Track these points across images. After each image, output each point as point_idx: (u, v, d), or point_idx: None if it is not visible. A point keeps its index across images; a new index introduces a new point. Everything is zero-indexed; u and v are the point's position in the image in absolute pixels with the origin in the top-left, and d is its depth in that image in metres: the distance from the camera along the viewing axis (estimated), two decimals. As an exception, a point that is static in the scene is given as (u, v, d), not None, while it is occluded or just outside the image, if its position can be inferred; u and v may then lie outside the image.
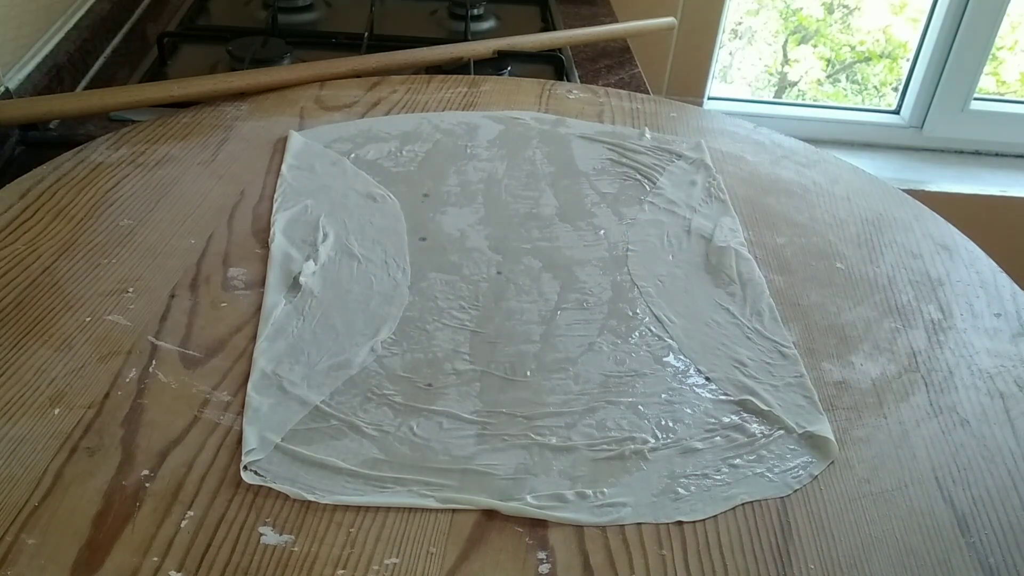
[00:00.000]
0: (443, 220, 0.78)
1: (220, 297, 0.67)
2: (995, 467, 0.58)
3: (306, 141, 0.87)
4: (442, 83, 1.01)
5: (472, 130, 0.92)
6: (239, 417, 0.57)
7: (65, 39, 1.05)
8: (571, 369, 0.64)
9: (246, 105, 0.93)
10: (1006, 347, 0.69)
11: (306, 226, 0.75)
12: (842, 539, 0.53)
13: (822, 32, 2.00)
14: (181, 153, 0.84)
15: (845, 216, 0.84)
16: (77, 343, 0.62)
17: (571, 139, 0.92)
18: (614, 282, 0.72)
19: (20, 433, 0.55)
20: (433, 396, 0.60)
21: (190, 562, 0.48)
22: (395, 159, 0.86)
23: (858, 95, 2.03)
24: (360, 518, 0.52)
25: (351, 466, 0.54)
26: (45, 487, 0.51)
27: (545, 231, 0.78)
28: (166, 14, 1.25)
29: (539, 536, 0.52)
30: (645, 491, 0.55)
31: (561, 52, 1.17)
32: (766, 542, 0.53)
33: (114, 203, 0.76)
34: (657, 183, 0.85)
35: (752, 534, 0.53)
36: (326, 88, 0.98)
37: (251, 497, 0.52)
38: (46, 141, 0.92)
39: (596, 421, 0.59)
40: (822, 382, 0.64)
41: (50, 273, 0.68)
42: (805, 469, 0.57)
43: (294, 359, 0.62)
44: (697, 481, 0.56)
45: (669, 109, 1.00)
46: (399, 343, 0.64)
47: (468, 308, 0.68)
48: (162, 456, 0.54)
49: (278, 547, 0.50)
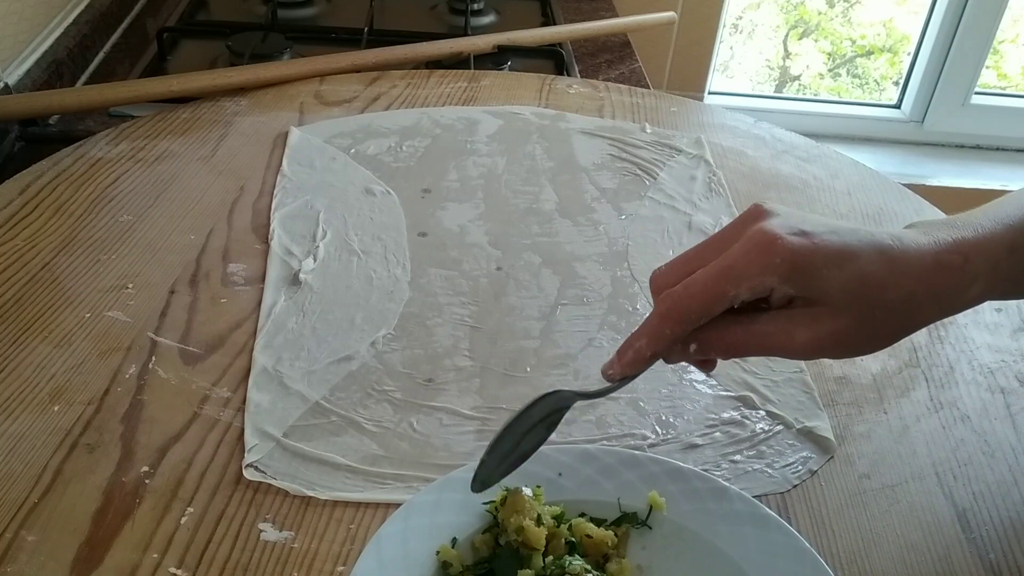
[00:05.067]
0: (443, 215, 0.78)
1: (220, 293, 0.67)
2: (995, 463, 0.58)
3: (306, 136, 0.87)
4: (442, 78, 1.01)
5: (472, 125, 0.92)
6: (239, 413, 0.57)
7: (64, 34, 1.05)
8: (571, 365, 0.64)
9: (245, 100, 0.93)
10: (1007, 342, 0.69)
11: (306, 222, 0.75)
12: (842, 534, 0.53)
13: (823, 26, 2.00)
14: (181, 148, 0.84)
15: (846, 211, 0.83)
16: (77, 339, 0.62)
17: (571, 134, 0.92)
18: (614, 277, 0.72)
19: (20, 430, 0.55)
20: (433, 392, 0.60)
21: (190, 559, 0.48)
22: (395, 154, 0.86)
23: (859, 89, 2.03)
24: (360, 514, 0.52)
25: (351, 462, 0.54)
26: (45, 484, 0.51)
27: (545, 226, 0.78)
28: (165, 9, 1.25)
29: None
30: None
31: (561, 47, 1.17)
32: (766, 538, 0.52)
33: (114, 199, 0.76)
34: (657, 178, 0.85)
35: (752, 530, 0.53)
36: (326, 83, 0.98)
37: (251, 493, 0.52)
38: (46, 137, 0.91)
39: (596, 417, 0.59)
40: (822, 377, 0.64)
41: (50, 269, 0.68)
42: (805, 465, 0.57)
43: (294, 355, 0.62)
44: (697, 477, 0.56)
45: (669, 104, 1.00)
46: (399, 339, 0.64)
47: (468, 304, 0.68)
48: (162, 452, 0.54)
49: (278, 543, 0.50)
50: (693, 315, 0.43)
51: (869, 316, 0.43)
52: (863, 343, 0.44)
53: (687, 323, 0.44)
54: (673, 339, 0.44)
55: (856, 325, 0.43)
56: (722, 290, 0.43)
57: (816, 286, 0.42)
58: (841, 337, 0.43)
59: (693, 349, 0.45)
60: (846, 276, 0.42)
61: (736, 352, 0.45)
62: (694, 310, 0.43)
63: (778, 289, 0.42)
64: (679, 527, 0.50)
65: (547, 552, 0.47)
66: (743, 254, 0.43)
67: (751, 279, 0.42)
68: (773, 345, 0.44)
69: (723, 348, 0.45)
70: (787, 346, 0.44)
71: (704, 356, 0.45)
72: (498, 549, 0.47)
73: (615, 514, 0.50)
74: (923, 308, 0.44)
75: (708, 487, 0.51)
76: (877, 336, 0.44)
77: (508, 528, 0.46)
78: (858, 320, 0.43)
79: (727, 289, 0.43)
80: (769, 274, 0.42)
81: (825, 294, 0.42)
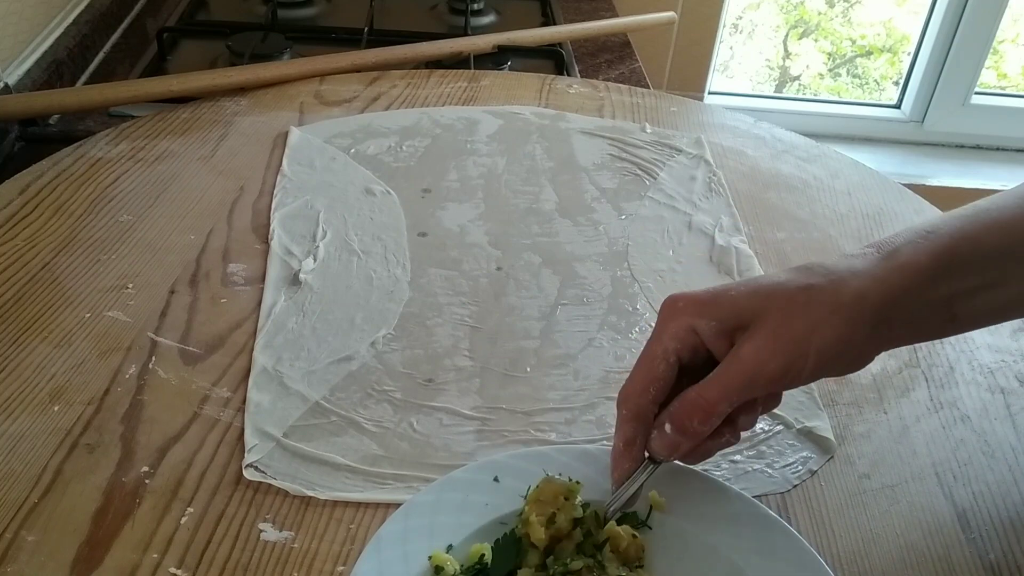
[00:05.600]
0: (443, 215, 0.78)
1: (220, 293, 0.67)
2: (995, 463, 0.58)
3: (306, 136, 0.87)
4: (442, 78, 1.01)
5: (472, 125, 0.92)
6: (239, 413, 0.57)
7: (64, 34, 1.05)
8: (571, 365, 0.64)
9: (245, 100, 0.93)
10: (1006, 342, 0.69)
11: (306, 222, 0.75)
12: (842, 534, 0.53)
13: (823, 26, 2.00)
14: (180, 148, 0.84)
15: (846, 211, 0.83)
16: (77, 339, 0.62)
17: (571, 134, 0.92)
18: (614, 277, 0.72)
19: (20, 430, 0.55)
20: (433, 392, 0.60)
21: (190, 559, 0.48)
22: (395, 154, 0.86)
23: (859, 89, 2.03)
24: (360, 514, 0.52)
25: (351, 462, 0.54)
26: (45, 484, 0.51)
27: (545, 226, 0.78)
28: (165, 9, 1.25)
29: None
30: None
31: (561, 47, 1.17)
32: (766, 538, 0.52)
33: (114, 199, 0.76)
34: (657, 178, 0.85)
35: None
36: (326, 83, 0.98)
37: (251, 494, 0.52)
38: (46, 136, 0.91)
39: (596, 417, 0.59)
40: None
41: (50, 269, 0.68)
42: (805, 465, 0.57)
43: (294, 355, 0.62)
44: (697, 477, 0.56)
45: (669, 104, 1.00)
46: (399, 339, 0.64)
47: (468, 304, 0.68)
48: (162, 453, 0.54)
49: (278, 543, 0.50)
50: (637, 387, 0.47)
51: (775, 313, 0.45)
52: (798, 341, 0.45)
53: (638, 398, 0.47)
54: (636, 420, 0.47)
55: (778, 319, 0.45)
56: (651, 352, 0.47)
57: (727, 307, 0.46)
58: (779, 332, 0.45)
59: (668, 429, 0.46)
60: (745, 289, 0.47)
61: (707, 406, 0.45)
62: (637, 383, 0.47)
63: (701, 329, 0.46)
64: (679, 527, 0.50)
65: (555, 550, 0.47)
66: (656, 325, 0.48)
67: (669, 330, 0.47)
68: (731, 375, 0.45)
69: (693, 410, 0.46)
70: (741, 368, 0.45)
71: (683, 434, 0.46)
72: (504, 537, 0.47)
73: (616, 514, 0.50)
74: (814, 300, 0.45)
75: (708, 487, 0.51)
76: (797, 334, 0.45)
77: (521, 516, 0.47)
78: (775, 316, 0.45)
79: (654, 349, 0.47)
80: (680, 317, 0.46)
81: (738, 310, 0.46)
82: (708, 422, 0.46)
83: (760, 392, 0.46)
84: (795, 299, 0.45)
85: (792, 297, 0.45)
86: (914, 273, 0.46)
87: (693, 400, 0.45)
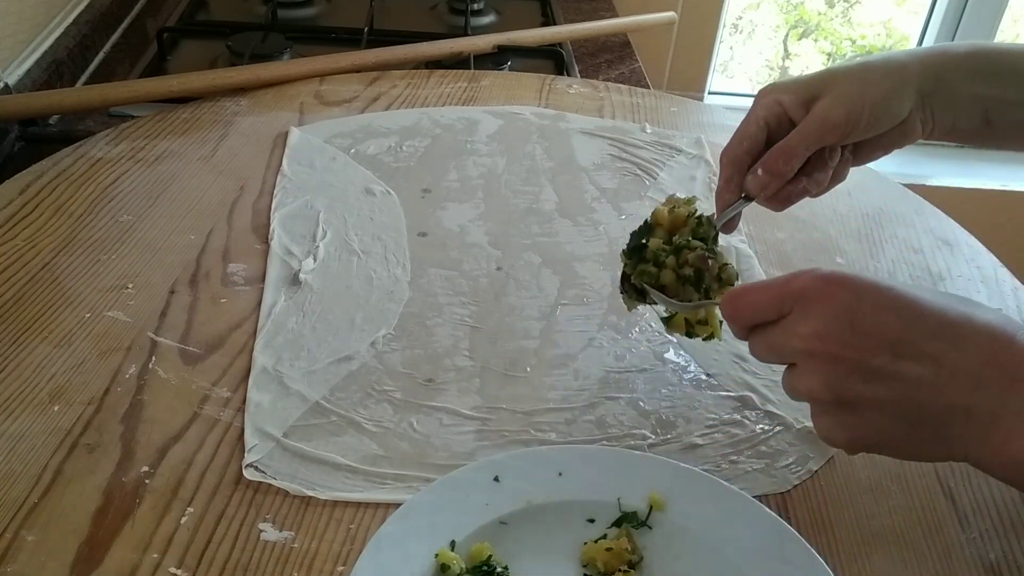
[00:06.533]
0: (443, 215, 0.78)
1: (220, 293, 0.67)
2: (995, 462, 0.58)
3: (306, 136, 0.87)
4: (442, 78, 1.01)
5: (472, 125, 0.92)
6: (239, 413, 0.57)
7: (64, 34, 1.05)
8: (571, 365, 0.64)
9: (245, 100, 0.93)
10: (1007, 342, 0.69)
11: (306, 222, 0.75)
12: (843, 534, 0.53)
13: (823, 26, 2.00)
14: (181, 148, 0.84)
15: (845, 211, 0.83)
16: (77, 339, 0.62)
17: (571, 134, 0.92)
18: (614, 277, 0.72)
19: (20, 430, 0.55)
20: (433, 392, 0.60)
21: (190, 559, 0.48)
22: (395, 154, 0.86)
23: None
24: (360, 514, 0.52)
25: (351, 462, 0.54)
26: (45, 484, 0.51)
27: (545, 226, 0.78)
28: (165, 9, 1.25)
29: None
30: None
31: (561, 47, 1.17)
32: (766, 538, 0.52)
33: (114, 199, 0.76)
34: (657, 178, 0.85)
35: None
36: (326, 83, 0.98)
37: (251, 494, 0.52)
38: (46, 136, 0.91)
39: (596, 417, 0.59)
40: (822, 377, 0.64)
41: (50, 269, 0.68)
42: (805, 465, 0.57)
43: (294, 355, 0.62)
44: (697, 477, 0.56)
45: (669, 104, 1.00)
46: (399, 339, 0.64)
47: (468, 304, 0.68)
48: (162, 452, 0.54)
49: (278, 543, 0.50)
50: (734, 141, 0.61)
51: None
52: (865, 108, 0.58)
53: (734, 149, 0.61)
54: (732, 165, 0.61)
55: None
56: (747, 119, 0.61)
57: (804, 83, 0.60)
58: (842, 92, 0.58)
59: (760, 171, 0.59)
60: (818, 73, 0.61)
61: (789, 150, 0.58)
62: (734, 139, 0.61)
63: (785, 101, 0.60)
64: (679, 527, 0.50)
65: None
66: (752, 105, 0.61)
67: (760, 103, 0.61)
68: (807, 125, 0.58)
69: (779, 153, 0.59)
70: (813, 119, 0.58)
71: (771, 173, 0.59)
72: (639, 227, 0.61)
73: (615, 514, 0.50)
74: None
75: (708, 487, 0.51)
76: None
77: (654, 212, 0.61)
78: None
79: (749, 116, 0.61)
80: (770, 95, 0.61)
81: (813, 84, 0.60)
82: (790, 163, 0.58)
83: (830, 140, 0.59)
84: (854, 72, 0.59)
85: (852, 71, 0.59)
86: (950, 59, 0.60)
87: (780, 146, 0.59)
